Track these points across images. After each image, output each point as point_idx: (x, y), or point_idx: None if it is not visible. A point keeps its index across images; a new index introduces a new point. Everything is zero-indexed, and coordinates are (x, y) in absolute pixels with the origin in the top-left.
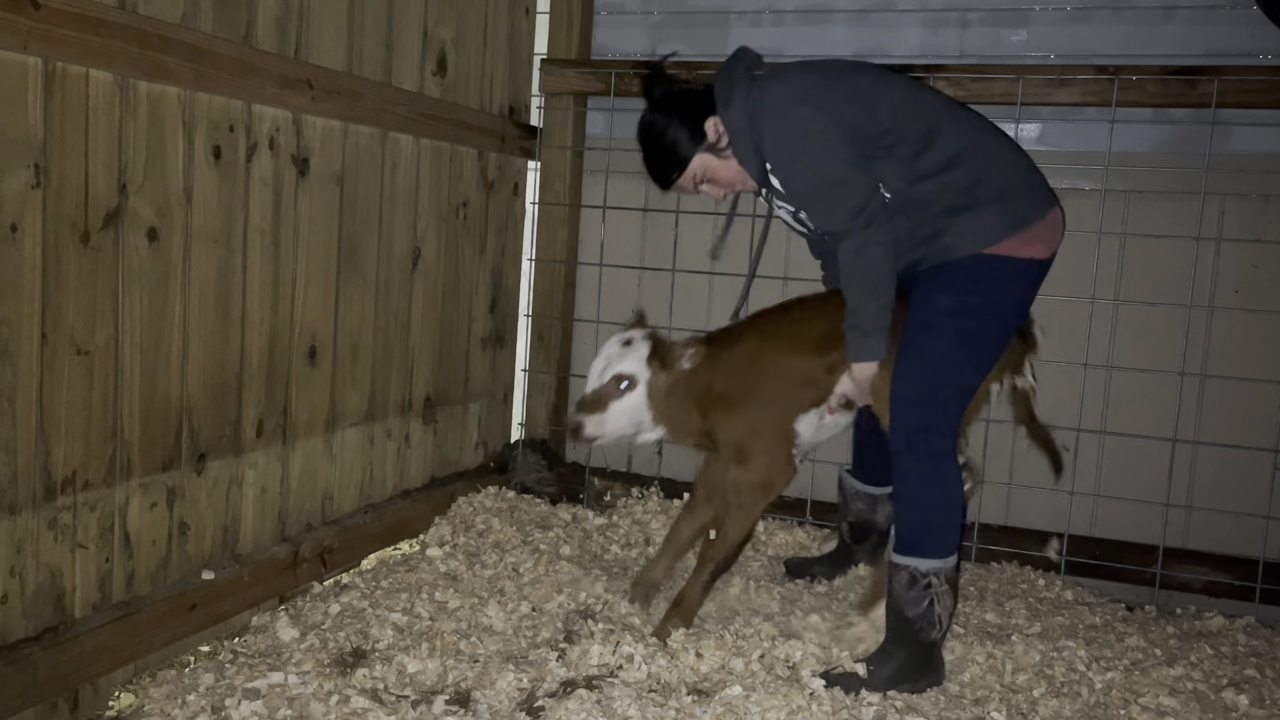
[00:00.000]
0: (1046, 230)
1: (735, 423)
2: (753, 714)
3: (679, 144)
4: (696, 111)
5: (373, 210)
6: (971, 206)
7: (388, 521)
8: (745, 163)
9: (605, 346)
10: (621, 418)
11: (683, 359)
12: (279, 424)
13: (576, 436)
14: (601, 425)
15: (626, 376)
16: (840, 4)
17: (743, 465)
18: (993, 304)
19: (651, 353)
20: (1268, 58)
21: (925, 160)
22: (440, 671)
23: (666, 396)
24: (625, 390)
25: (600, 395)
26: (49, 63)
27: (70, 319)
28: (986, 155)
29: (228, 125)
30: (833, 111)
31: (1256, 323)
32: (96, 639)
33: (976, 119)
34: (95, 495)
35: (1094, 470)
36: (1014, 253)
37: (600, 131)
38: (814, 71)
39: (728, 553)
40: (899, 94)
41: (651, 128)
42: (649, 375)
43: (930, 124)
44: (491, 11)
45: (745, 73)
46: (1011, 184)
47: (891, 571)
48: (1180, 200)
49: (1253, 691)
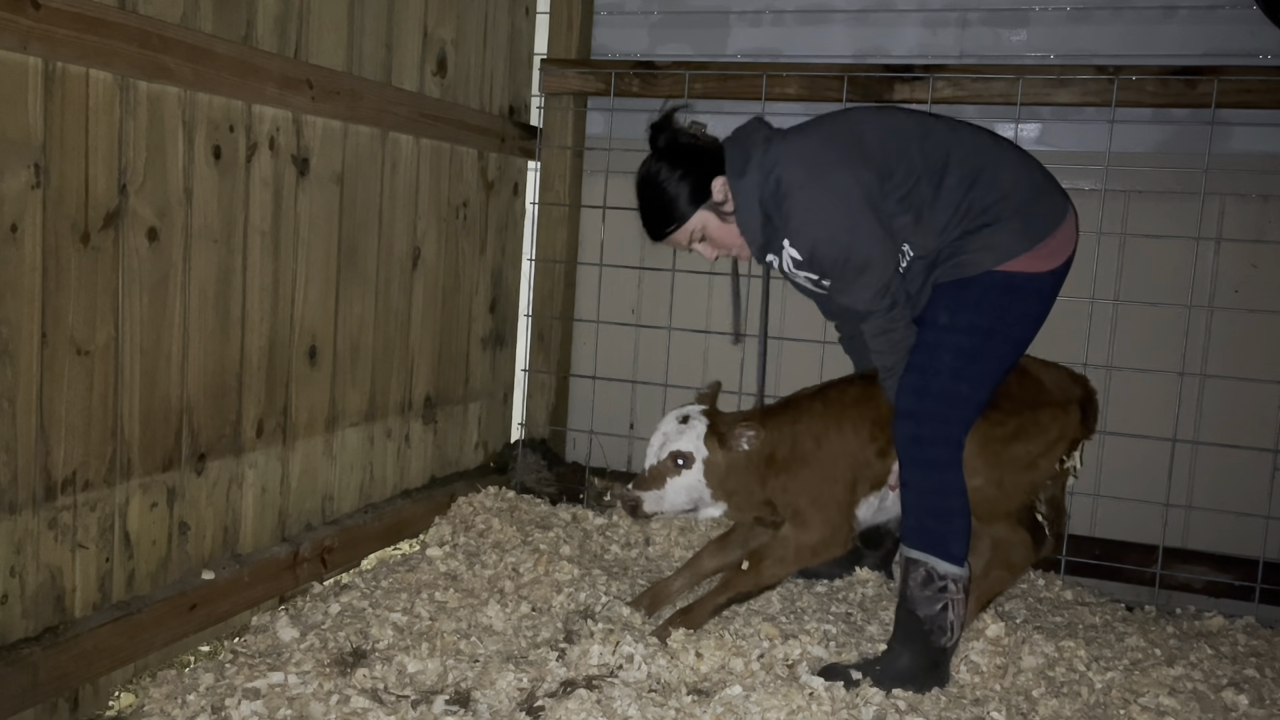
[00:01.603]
0: (1059, 241)
1: (797, 490)
2: (753, 714)
3: (680, 198)
4: (703, 168)
5: (373, 210)
6: (990, 224)
7: (388, 521)
8: (746, 232)
9: (663, 423)
10: (679, 495)
11: (741, 440)
12: (279, 424)
13: (635, 514)
14: (660, 502)
15: (683, 455)
16: (840, 4)
17: (799, 528)
18: (999, 322)
19: (709, 431)
20: (1268, 58)
21: (946, 193)
22: (440, 671)
23: (726, 474)
24: (682, 468)
25: (658, 472)
26: (49, 63)
27: (70, 319)
28: (1002, 171)
29: (228, 125)
30: (853, 182)
31: (1256, 323)
32: (96, 639)
33: (984, 134)
34: (95, 495)
35: (1094, 470)
36: (1026, 268)
37: (600, 131)
38: (822, 138)
39: (753, 591)
40: (905, 132)
41: (654, 178)
42: (706, 454)
43: (940, 152)
44: (491, 11)
45: (763, 142)
46: (1029, 198)
47: (907, 568)
48: (1180, 200)
49: (1253, 691)
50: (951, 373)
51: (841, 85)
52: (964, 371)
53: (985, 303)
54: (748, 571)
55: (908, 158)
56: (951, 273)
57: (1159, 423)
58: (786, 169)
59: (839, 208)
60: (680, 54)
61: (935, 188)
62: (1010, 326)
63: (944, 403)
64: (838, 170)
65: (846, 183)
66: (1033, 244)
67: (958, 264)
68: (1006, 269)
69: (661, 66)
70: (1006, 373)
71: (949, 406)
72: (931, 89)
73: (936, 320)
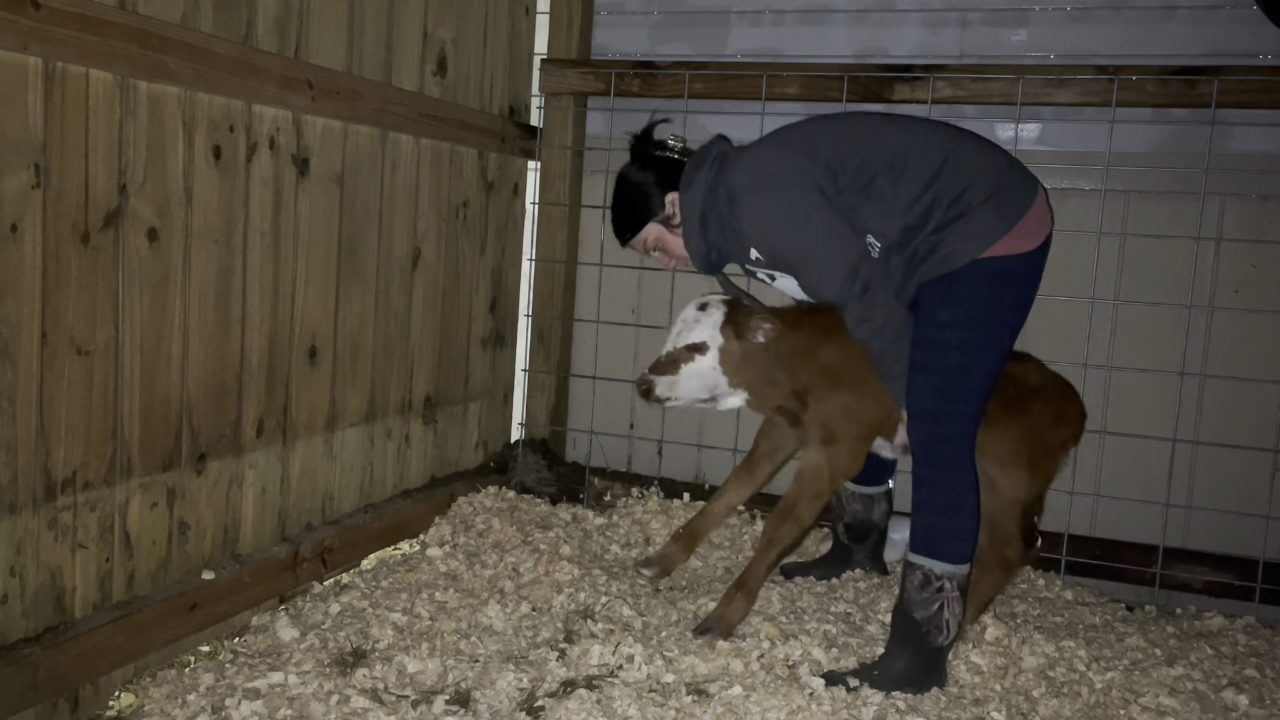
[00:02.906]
0: (1035, 219)
1: (832, 401)
2: (753, 714)
3: (638, 209)
4: (665, 183)
5: (373, 210)
6: (964, 213)
7: (388, 521)
8: (688, 245)
9: (684, 310)
10: (692, 382)
11: (757, 333)
12: (279, 424)
13: (647, 397)
14: (672, 387)
15: (697, 344)
16: (840, 4)
17: (828, 447)
18: (994, 310)
19: (726, 319)
20: (1268, 58)
21: (905, 187)
22: (440, 671)
23: (742, 362)
24: (696, 354)
25: (673, 358)
26: (49, 63)
27: (70, 319)
28: (966, 160)
29: (228, 125)
30: (801, 178)
31: (1256, 323)
32: (96, 639)
33: (943, 128)
34: (95, 495)
35: (1094, 470)
36: (1009, 251)
37: (600, 131)
38: (771, 144)
39: (796, 535)
40: (857, 132)
41: (619, 187)
42: (721, 342)
43: (897, 149)
44: (491, 11)
45: (715, 159)
46: (997, 180)
47: (906, 570)
48: (1180, 200)
49: (1253, 691)
50: (962, 369)
51: (842, 85)
52: (972, 365)
53: (979, 293)
54: (788, 521)
55: (860, 154)
56: (937, 268)
57: (1159, 423)
58: (736, 175)
59: (788, 202)
60: (680, 54)
61: (894, 181)
62: (1004, 313)
63: (960, 399)
64: (784, 169)
65: (794, 178)
66: (1011, 224)
67: (941, 259)
68: (992, 254)
69: (661, 66)
70: (1004, 359)
71: (965, 402)
72: (931, 89)
73: (935, 318)
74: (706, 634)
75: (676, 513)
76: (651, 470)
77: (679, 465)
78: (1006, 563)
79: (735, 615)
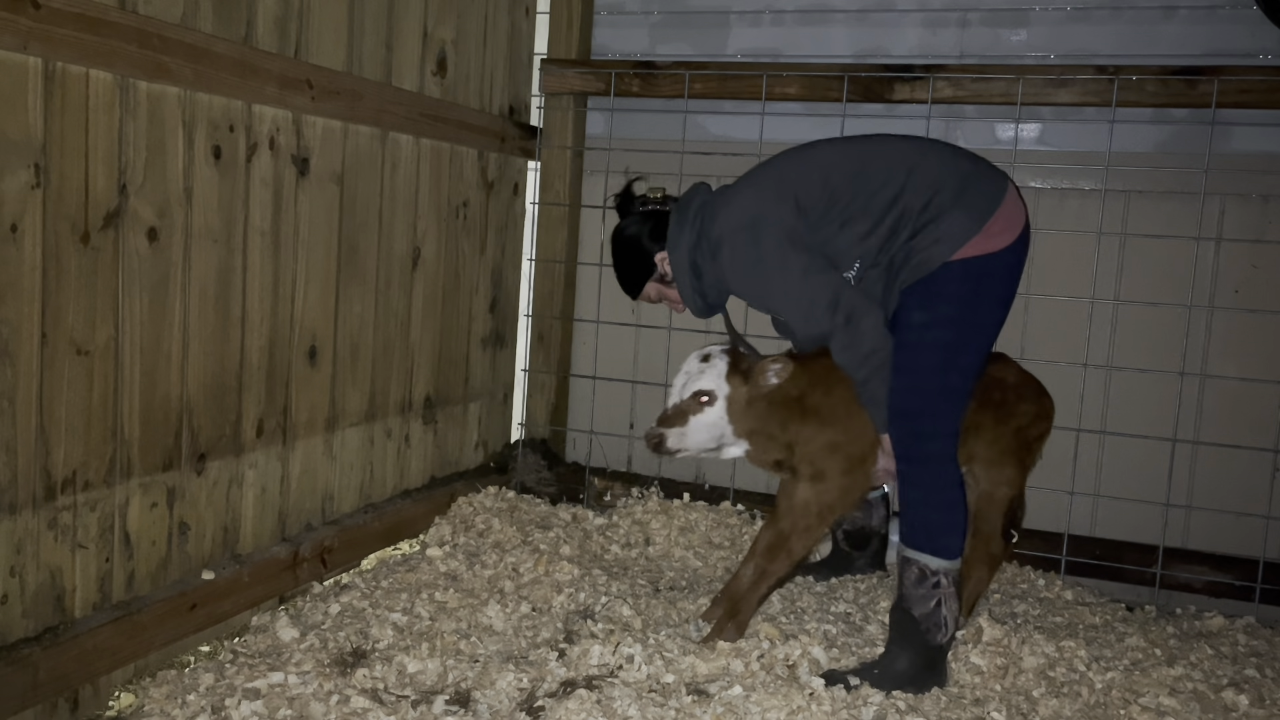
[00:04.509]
0: (1006, 216)
1: (818, 440)
2: (753, 714)
3: (634, 271)
4: (656, 238)
5: (373, 210)
6: (933, 219)
7: (388, 521)
8: (684, 298)
9: (686, 362)
10: (701, 432)
11: (768, 375)
12: (279, 424)
13: (659, 450)
14: (683, 439)
15: (706, 392)
16: (840, 4)
17: (816, 483)
18: (971, 309)
19: (730, 368)
20: (1268, 58)
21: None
22: (440, 671)
23: (747, 411)
24: (705, 405)
25: (681, 410)
26: (49, 63)
27: (70, 319)
28: (929, 171)
29: (228, 125)
30: (774, 221)
31: (1256, 323)
32: (96, 639)
33: (910, 143)
34: (95, 495)
35: (1094, 470)
36: (981, 250)
37: (600, 131)
38: (745, 187)
39: (788, 571)
40: (824, 164)
41: (616, 248)
42: (728, 390)
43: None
44: (491, 11)
45: (697, 211)
46: (962, 183)
47: (903, 566)
48: (1180, 200)
49: (1253, 691)
50: (940, 368)
51: (842, 85)
52: (951, 364)
53: (954, 293)
54: (779, 555)
55: (829, 186)
56: (913, 274)
57: (1159, 423)
58: (714, 227)
59: (763, 246)
60: (680, 54)
61: (864, 204)
62: (982, 312)
63: (938, 398)
64: (758, 214)
65: (767, 222)
66: (979, 224)
67: (915, 265)
68: (963, 256)
69: (661, 66)
70: (985, 357)
71: (944, 400)
72: (931, 89)
73: (912, 321)
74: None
75: (676, 513)
76: (651, 470)
77: (679, 465)
78: (993, 559)
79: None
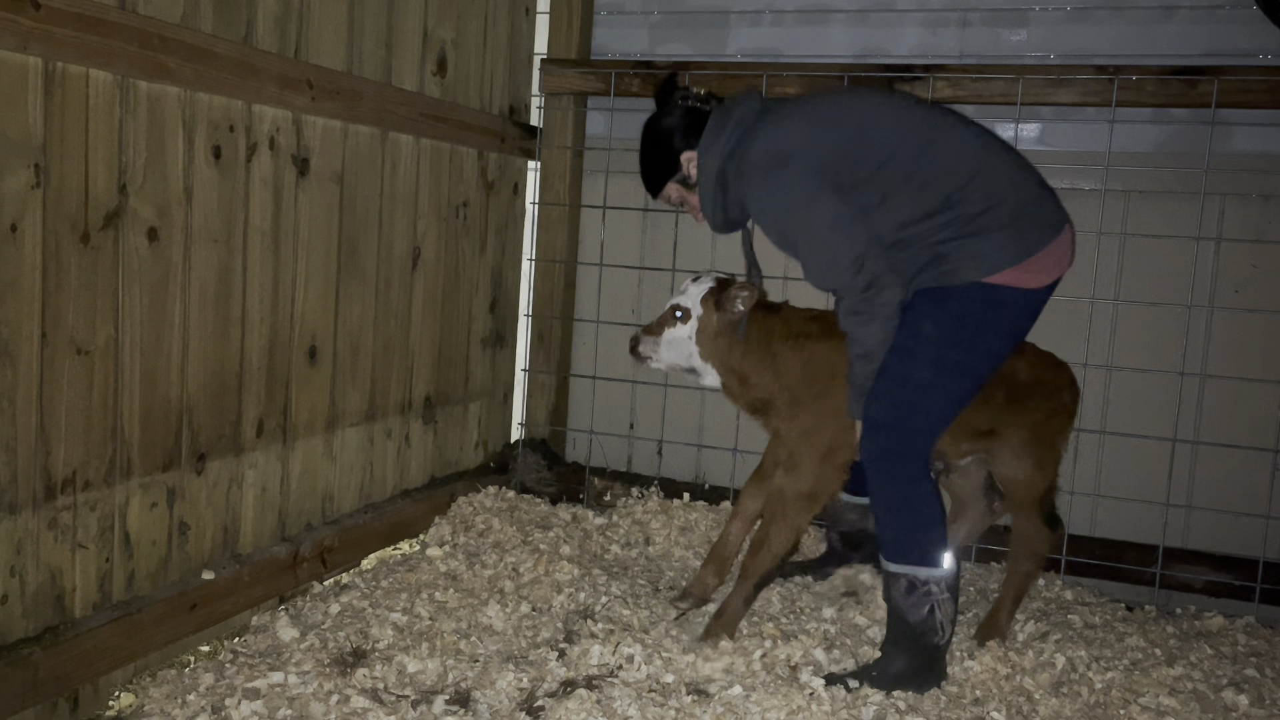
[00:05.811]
0: (1052, 257)
1: (794, 424)
2: (753, 714)
3: (658, 167)
4: (688, 136)
5: (373, 210)
6: (978, 233)
7: (388, 521)
8: (704, 208)
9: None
10: (671, 347)
11: (735, 300)
12: (279, 424)
13: (633, 351)
14: (655, 348)
15: (682, 308)
16: (840, 4)
17: (790, 473)
18: (979, 334)
19: (710, 293)
20: (1268, 58)
21: (926, 197)
22: (440, 671)
23: (715, 337)
24: (679, 320)
25: (660, 321)
26: (49, 63)
27: (70, 319)
28: (994, 179)
29: (228, 125)
30: (815, 162)
31: (1256, 323)
32: (96, 639)
33: (981, 137)
34: (95, 495)
35: (1094, 470)
36: (1013, 283)
37: (600, 131)
38: (798, 117)
39: (771, 565)
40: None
41: (645, 138)
42: (700, 312)
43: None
44: (491, 11)
45: (736, 126)
46: (1020, 208)
47: (889, 581)
48: (1180, 200)
49: (1253, 691)
50: (928, 386)
51: (841, 85)
52: (941, 386)
53: (969, 315)
54: (761, 551)
55: (887, 148)
56: (936, 279)
57: (1159, 423)
58: (752, 148)
59: (796, 185)
60: (680, 54)
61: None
62: (990, 341)
63: (919, 416)
64: (800, 149)
65: (808, 160)
66: (1021, 258)
67: (942, 271)
68: (993, 281)
69: (661, 66)
70: (980, 387)
71: (923, 420)
72: (931, 89)
73: (918, 329)
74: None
75: (676, 512)
76: (651, 470)
77: (679, 465)
78: (1036, 556)
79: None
